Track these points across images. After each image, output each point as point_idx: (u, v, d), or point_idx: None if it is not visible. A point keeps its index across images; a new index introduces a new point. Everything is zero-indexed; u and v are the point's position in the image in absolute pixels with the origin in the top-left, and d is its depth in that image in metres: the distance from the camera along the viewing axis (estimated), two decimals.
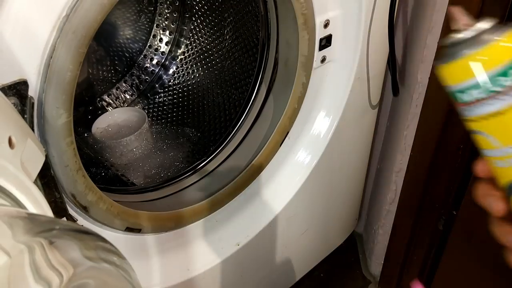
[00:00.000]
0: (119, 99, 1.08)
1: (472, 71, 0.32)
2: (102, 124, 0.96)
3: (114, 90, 1.08)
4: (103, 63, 1.04)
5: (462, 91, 0.32)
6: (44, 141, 0.47)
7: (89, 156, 0.89)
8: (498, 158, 0.32)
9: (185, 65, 1.09)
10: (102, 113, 1.02)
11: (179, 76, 1.10)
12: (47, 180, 0.46)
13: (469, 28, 0.32)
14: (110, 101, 1.07)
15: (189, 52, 1.09)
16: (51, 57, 0.44)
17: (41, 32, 0.43)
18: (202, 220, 0.72)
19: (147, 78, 1.10)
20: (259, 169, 0.75)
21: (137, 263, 0.65)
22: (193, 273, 0.70)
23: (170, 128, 0.97)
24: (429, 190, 0.84)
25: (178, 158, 0.87)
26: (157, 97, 1.09)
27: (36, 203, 0.36)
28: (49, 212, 0.37)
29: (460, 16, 0.32)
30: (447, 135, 0.79)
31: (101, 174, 0.84)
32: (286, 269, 0.91)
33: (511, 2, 0.65)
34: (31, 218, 0.29)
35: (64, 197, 0.51)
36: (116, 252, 0.34)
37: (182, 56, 1.09)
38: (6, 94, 0.42)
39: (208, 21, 1.03)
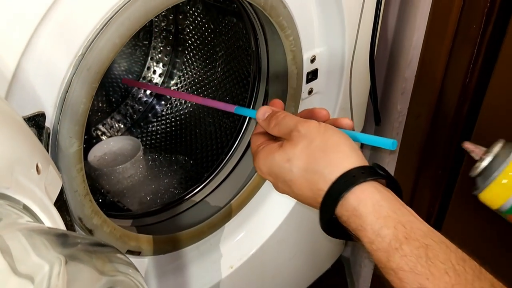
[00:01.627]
0: (113, 128, 1.12)
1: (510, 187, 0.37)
2: (98, 153, 1.00)
3: (108, 120, 1.12)
4: (99, 94, 1.08)
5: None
6: (57, 167, 0.51)
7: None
8: None
9: None
10: (97, 142, 1.06)
11: (171, 106, 1.14)
12: (60, 204, 0.49)
13: (487, 154, 0.39)
14: (105, 130, 1.11)
15: (182, 83, 1.14)
16: (67, 91, 0.48)
17: (59, 69, 0.47)
18: (197, 243, 0.75)
19: (140, 108, 1.15)
20: (251, 193, 0.79)
21: None
22: None
23: (164, 155, 1.01)
24: None
25: (172, 184, 0.91)
26: (150, 126, 1.13)
27: (56, 225, 0.39)
28: (61, 225, 0.41)
29: (475, 148, 0.40)
30: (426, 161, 0.84)
31: (98, 200, 0.87)
32: None
33: (478, 42, 0.72)
34: (60, 234, 0.33)
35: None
36: (131, 264, 0.37)
37: (175, 87, 1.14)
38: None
39: (200, 54, 1.09)
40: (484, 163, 0.40)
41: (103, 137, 1.09)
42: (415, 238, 0.38)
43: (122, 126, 1.13)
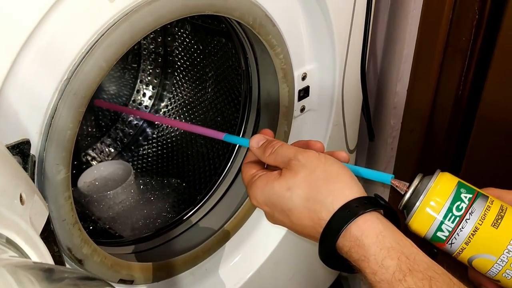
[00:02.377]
0: (104, 152, 1.10)
1: (432, 214, 0.41)
2: (88, 178, 0.98)
3: (98, 145, 1.10)
4: (88, 119, 1.06)
5: (435, 233, 0.41)
6: (43, 196, 0.49)
7: (76, 211, 0.89)
8: (504, 270, 0.38)
9: (168, 117, 1.13)
10: (87, 167, 1.04)
11: (162, 129, 1.13)
12: (47, 234, 0.47)
13: (409, 188, 0.43)
14: (95, 155, 1.09)
15: (172, 105, 1.13)
16: (53, 117, 0.47)
17: (44, 95, 0.46)
18: (192, 268, 0.73)
19: (131, 132, 1.13)
20: (247, 215, 0.77)
21: None
22: None
23: (156, 179, 0.99)
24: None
25: (165, 208, 0.89)
26: (141, 149, 1.11)
27: (43, 258, 0.38)
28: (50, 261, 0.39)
29: (399, 184, 0.45)
30: (429, 147, 0.83)
31: (89, 227, 0.85)
32: None
33: (469, 54, 0.72)
34: (46, 269, 0.31)
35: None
36: None
37: (165, 109, 1.13)
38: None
39: (190, 75, 1.08)
40: (407, 195, 0.44)
41: (93, 162, 1.07)
42: (419, 270, 0.38)
43: (112, 150, 1.11)
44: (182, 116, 1.10)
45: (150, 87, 1.13)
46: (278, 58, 0.69)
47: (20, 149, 0.45)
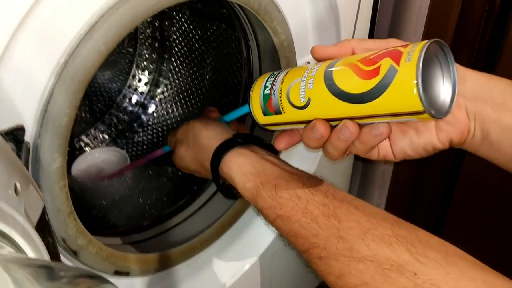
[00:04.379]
0: (97, 139, 1.07)
1: (259, 86, 0.52)
2: (81, 165, 0.95)
3: (92, 130, 1.07)
4: (82, 104, 1.03)
5: (264, 97, 0.50)
6: (38, 185, 0.47)
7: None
8: (307, 82, 0.46)
9: (164, 104, 1.10)
10: (80, 153, 1.01)
11: (158, 116, 1.10)
12: (42, 225, 0.45)
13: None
14: (88, 141, 1.06)
15: (169, 91, 1.10)
16: (48, 102, 0.44)
17: (39, 78, 0.43)
18: (188, 260, 0.71)
19: (125, 118, 1.10)
20: (244, 206, 0.76)
21: None
22: None
23: (151, 167, 0.97)
24: None
25: (161, 198, 0.87)
26: (136, 136, 1.09)
27: (38, 252, 0.36)
28: (44, 254, 0.37)
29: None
30: (423, 169, 0.82)
31: (82, 216, 0.82)
32: None
33: (476, 49, 0.70)
34: (44, 266, 0.29)
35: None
36: None
37: (161, 96, 1.11)
38: (3, 140, 0.42)
39: (187, 61, 1.06)
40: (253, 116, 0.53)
41: (87, 149, 1.05)
42: (268, 182, 0.49)
43: (106, 136, 1.08)
44: (178, 103, 1.08)
45: (146, 72, 1.10)
46: (282, 46, 0.67)
47: (14, 136, 0.43)
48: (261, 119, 0.52)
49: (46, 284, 0.27)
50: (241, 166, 0.52)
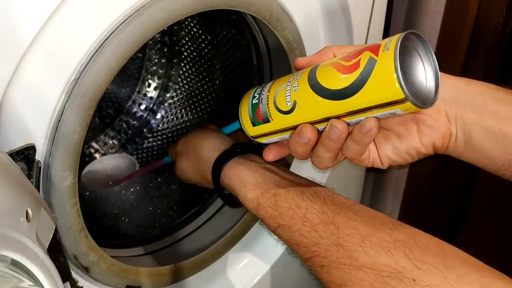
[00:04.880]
0: (107, 145, 1.07)
1: (248, 98, 0.52)
2: (91, 172, 0.95)
3: (102, 136, 1.07)
4: None
5: (252, 107, 0.51)
6: (49, 203, 0.46)
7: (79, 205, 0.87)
8: (292, 87, 0.46)
9: (173, 109, 1.10)
10: (90, 160, 1.01)
11: (167, 121, 1.10)
12: (53, 245, 0.44)
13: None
14: (98, 147, 1.06)
15: (178, 96, 1.09)
16: (59, 120, 0.44)
17: (50, 97, 0.43)
18: (199, 272, 0.70)
19: (135, 123, 1.10)
20: (255, 217, 0.74)
21: None
22: None
23: (161, 174, 0.96)
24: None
25: (171, 207, 0.86)
26: (146, 142, 1.08)
27: (50, 277, 0.35)
28: (60, 285, 0.37)
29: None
30: (440, 176, 0.81)
31: (93, 229, 0.82)
32: None
33: (494, 53, 0.68)
34: None
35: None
36: None
37: (170, 101, 1.10)
38: (14, 159, 0.41)
39: (197, 66, 1.05)
40: (243, 129, 0.54)
41: (96, 155, 1.04)
42: (268, 191, 0.49)
43: (116, 142, 1.08)
44: (188, 108, 1.07)
45: (156, 77, 1.09)
46: (294, 54, 0.66)
47: (25, 155, 0.42)
48: (250, 130, 0.52)
49: None
50: (240, 176, 0.52)
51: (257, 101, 0.51)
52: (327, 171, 0.79)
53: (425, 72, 0.41)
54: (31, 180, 0.43)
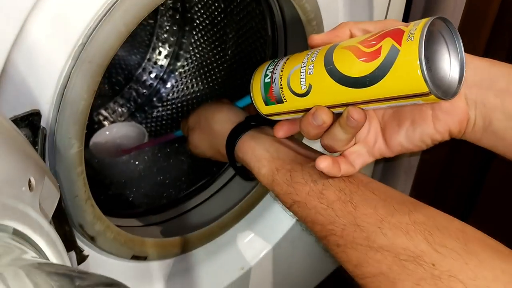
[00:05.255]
0: (116, 113, 1.06)
1: (259, 75, 0.50)
2: (99, 140, 0.94)
3: (111, 104, 1.05)
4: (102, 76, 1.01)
5: (264, 82, 0.49)
6: (54, 172, 0.45)
7: (87, 173, 0.86)
8: (307, 68, 0.44)
9: (184, 79, 1.07)
10: (99, 127, 1.00)
11: (177, 90, 1.08)
12: (58, 214, 0.44)
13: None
14: (107, 114, 1.04)
15: (189, 66, 1.07)
16: (65, 86, 0.42)
17: (56, 61, 0.41)
18: (206, 244, 0.70)
19: (145, 92, 1.08)
20: (265, 191, 0.73)
21: None
22: None
23: (170, 145, 0.95)
24: None
25: (179, 177, 0.85)
26: (155, 111, 1.07)
27: (54, 247, 0.34)
28: (64, 255, 0.36)
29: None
30: (455, 157, 0.78)
31: (100, 198, 0.82)
32: None
33: None
34: (56, 276, 0.27)
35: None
36: None
37: (181, 70, 1.08)
38: (18, 126, 0.40)
39: (209, 35, 1.02)
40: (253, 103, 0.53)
41: (105, 122, 1.03)
42: (283, 167, 0.47)
43: (125, 110, 1.06)
44: (198, 78, 1.05)
45: (167, 45, 1.07)
46: (311, 25, 0.63)
47: (30, 121, 0.41)
48: (263, 109, 0.50)
49: None
50: (254, 151, 0.51)
51: (269, 80, 0.48)
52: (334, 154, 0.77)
53: (450, 60, 0.39)
54: (36, 147, 0.42)
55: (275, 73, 0.47)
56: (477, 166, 0.79)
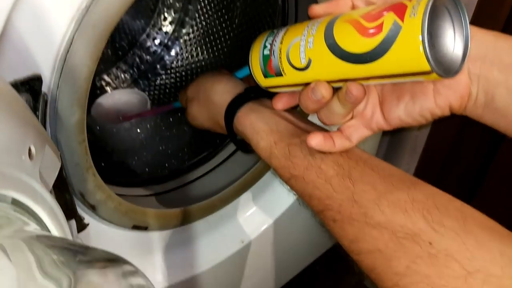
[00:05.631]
0: (119, 79, 1.04)
1: (258, 47, 0.48)
2: (101, 106, 0.92)
3: (114, 69, 1.03)
4: None
5: (263, 58, 0.47)
6: (55, 139, 0.44)
7: (89, 140, 0.85)
8: (307, 42, 0.43)
9: (189, 47, 1.05)
10: (101, 92, 0.98)
11: (182, 58, 1.05)
12: (58, 182, 0.43)
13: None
14: (110, 80, 1.03)
15: (194, 33, 1.04)
16: (68, 51, 0.40)
17: (58, 25, 0.39)
18: (207, 216, 0.70)
19: (148, 58, 1.06)
20: (268, 165, 0.72)
21: (141, 260, 0.63)
22: (197, 271, 0.69)
23: (173, 114, 0.93)
24: None
25: (182, 148, 0.84)
26: (159, 79, 1.05)
27: (54, 217, 0.33)
28: (65, 226, 0.35)
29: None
30: (462, 139, 0.77)
31: (102, 161, 0.81)
32: (288, 264, 0.90)
33: None
34: (58, 249, 0.27)
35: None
36: (141, 274, 0.32)
37: (186, 37, 1.05)
38: (18, 90, 0.38)
39: (216, 2, 0.99)
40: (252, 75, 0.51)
41: (107, 88, 1.02)
42: (282, 140, 0.47)
43: (128, 77, 1.04)
44: (204, 47, 1.02)
45: (172, 11, 1.04)
46: None
47: (30, 86, 0.39)
48: (262, 81, 0.49)
49: (70, 266, 0.26)
50: (253, 123, 0.50)
51: (268, 52, 0.47)
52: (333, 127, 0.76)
53: (454, 36, 0.37)
54: (37, 113, 0.40)
55: (274, 45, 0.46)
56: (483, 152, 0.78)
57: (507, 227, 0.36)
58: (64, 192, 0.44)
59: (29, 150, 0.31)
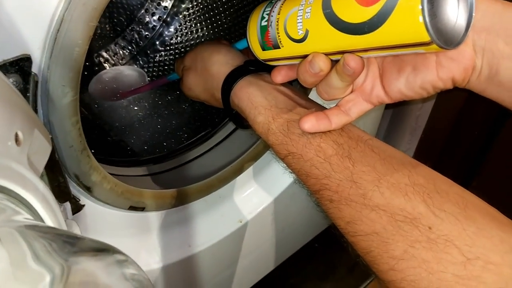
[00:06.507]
0: (118, 55, 1.02)
1: (256, 17, 0.47)
2: (99, 83, 0.91)
3: (112, 46, 1.01)
4: (101, 17, 0.97)
5: (260, 25, 0.46)
6: (47, 121, 0.43)
7: (87, 118, 0.84)
8: (304, 12, 0.42)
9: (188, 22, 1.03)
10: (99, 69, 0.96)
11: (181, 34, 1.03)
12: (51, 164, 0.42)
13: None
14: (108, 57, 1.01)
15: (194, 8, 1.02)
16: (58, 30, 0.39)
17: (48, 2, 0.38)
18: (204, 197, 0.69)
19: (147, 34, 1.04)
20: (267, 145, 0.72)
21: (138, 240, 0.63)
22: (195, 250, 0.69)
23: (172, 92, 0.92)
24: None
25: (180, 127, 0.83)
26: (158, 55, 1.03)
27: (46, 203, 0.33)
28: (57, 211, 0.35)
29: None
30: (464, 119, 0.76)
31: (99, 139, 0.80)
32: (286, 242, 0.90)
33: None
34: (50, 238, 0.26)
35: (67, 177, 0.48)
36: (133, 263, 0.31)
37: (185, 13, 1.02)
38: (7, 71, 0.37)
39: None
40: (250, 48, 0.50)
41: (106, 64, 1.00)
42: (280, 116, 0.45)
43: (127, 53, 1.02)
44: (203, 23, 1.00)
45: None
46: None
47: (20, 66, 0.38)
48: (260, 54, 0.48)
49: (62, 255, 0.25)
50: (251, 97, 0.48)
51: (266, 23, 0.45)
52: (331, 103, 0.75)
53: (458, 4, 0.35)
54: (28, 94, 0.39)
55: (272, 16, 0.45)
56: (485, 133, 0.77)
57: (505, 209, 0.36)
58: (57, 174, 0.44)
59: (16, 135, 0.30)
